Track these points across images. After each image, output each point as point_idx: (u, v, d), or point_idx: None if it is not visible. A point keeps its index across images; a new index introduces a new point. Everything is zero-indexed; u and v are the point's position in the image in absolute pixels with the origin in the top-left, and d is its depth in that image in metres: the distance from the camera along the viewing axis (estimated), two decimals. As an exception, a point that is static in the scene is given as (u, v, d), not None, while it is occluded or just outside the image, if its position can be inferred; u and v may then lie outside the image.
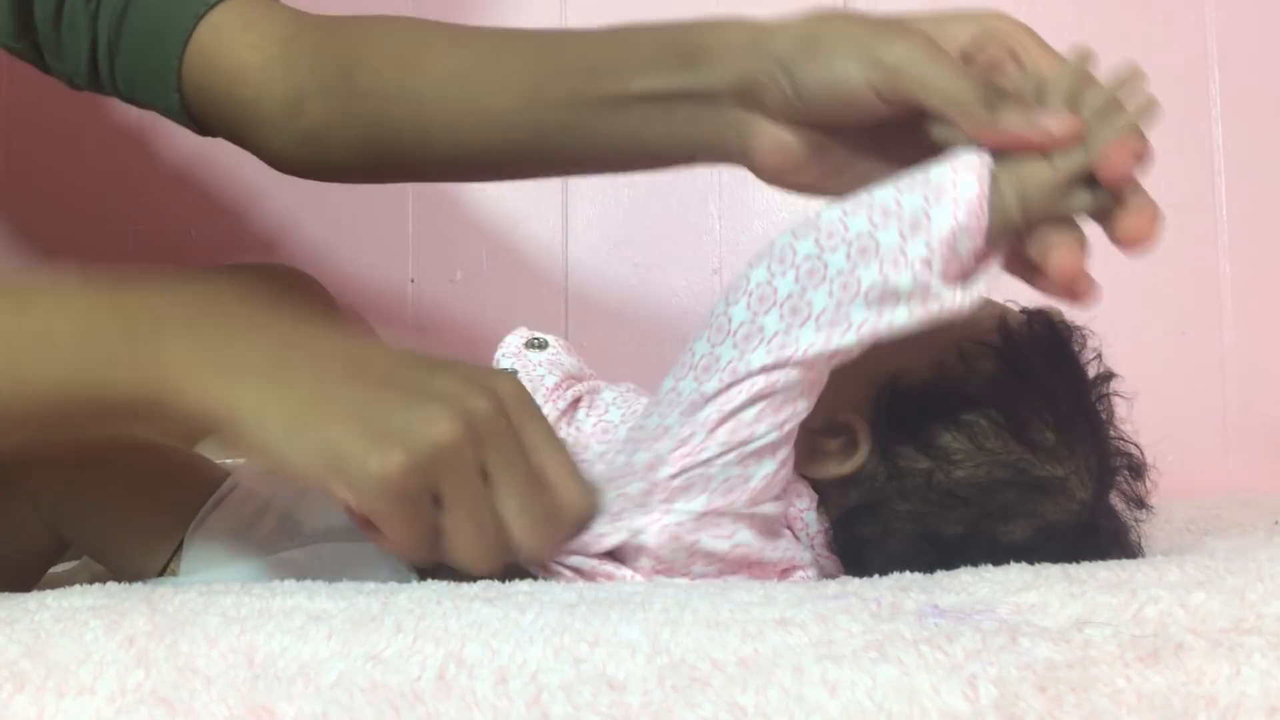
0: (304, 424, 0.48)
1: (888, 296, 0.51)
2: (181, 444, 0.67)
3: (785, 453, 0.55)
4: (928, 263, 0.51)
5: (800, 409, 0.54)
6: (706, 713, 0.35)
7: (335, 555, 0.59)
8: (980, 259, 0.53)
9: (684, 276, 1.19)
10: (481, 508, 0.50)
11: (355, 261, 1.21)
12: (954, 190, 0.51)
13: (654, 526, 0.53)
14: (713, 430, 0.52)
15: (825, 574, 0.60)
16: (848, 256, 0.51)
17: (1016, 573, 0.54)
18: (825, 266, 0.52)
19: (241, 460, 0.64)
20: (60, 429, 0.52)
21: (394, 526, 0.49)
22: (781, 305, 0.52)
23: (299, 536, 0.60)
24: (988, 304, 0.60)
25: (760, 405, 0.52)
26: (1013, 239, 0.54)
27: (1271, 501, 0.95)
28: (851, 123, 0.57)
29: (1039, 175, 0.52)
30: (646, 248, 1.20)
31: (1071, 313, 0.64)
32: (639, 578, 0.54)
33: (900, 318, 0.51)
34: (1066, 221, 0.54)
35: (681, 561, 0.54)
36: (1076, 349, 0.64)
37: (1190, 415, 1.13)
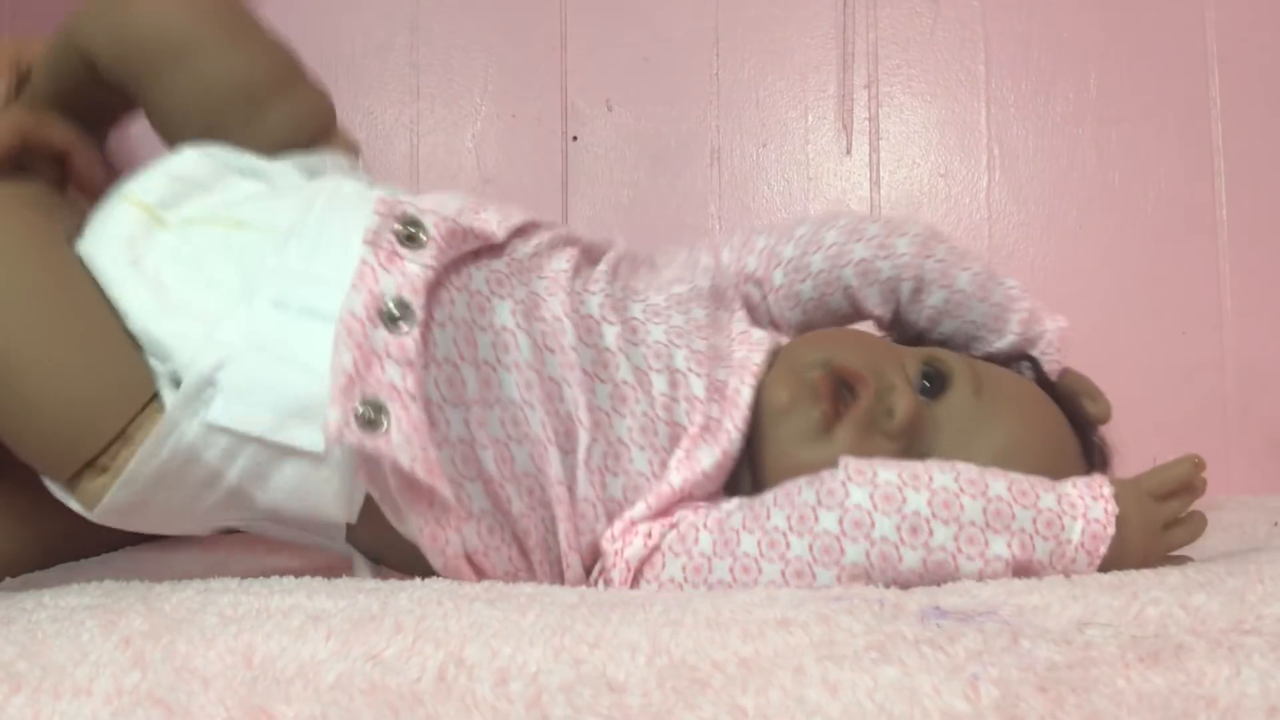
0: None
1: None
2: None
3: None
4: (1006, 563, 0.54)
5: None
6: (707, 714, 0.35)
7: (274, 529, 0.58)
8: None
9: (683, 276, 1.19)
10: None
11: (354, 261, 1.21)
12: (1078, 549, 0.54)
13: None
14: None
15: None
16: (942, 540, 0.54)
17: (1017, 573, 0.54)
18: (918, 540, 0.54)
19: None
20: None
21: None
22: (898, 578, 0.54)
23: (250, 510, 0.57)
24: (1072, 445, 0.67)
25: None
26: None
27: (1271, 501, 0.95)
28: None
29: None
30: (646, 248, 1.19)
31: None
32: None
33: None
34: None
35: None
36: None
37: (1190, 415, 1.13)
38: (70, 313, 0.56)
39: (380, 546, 0.60)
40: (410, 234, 0.58)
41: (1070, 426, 0.68)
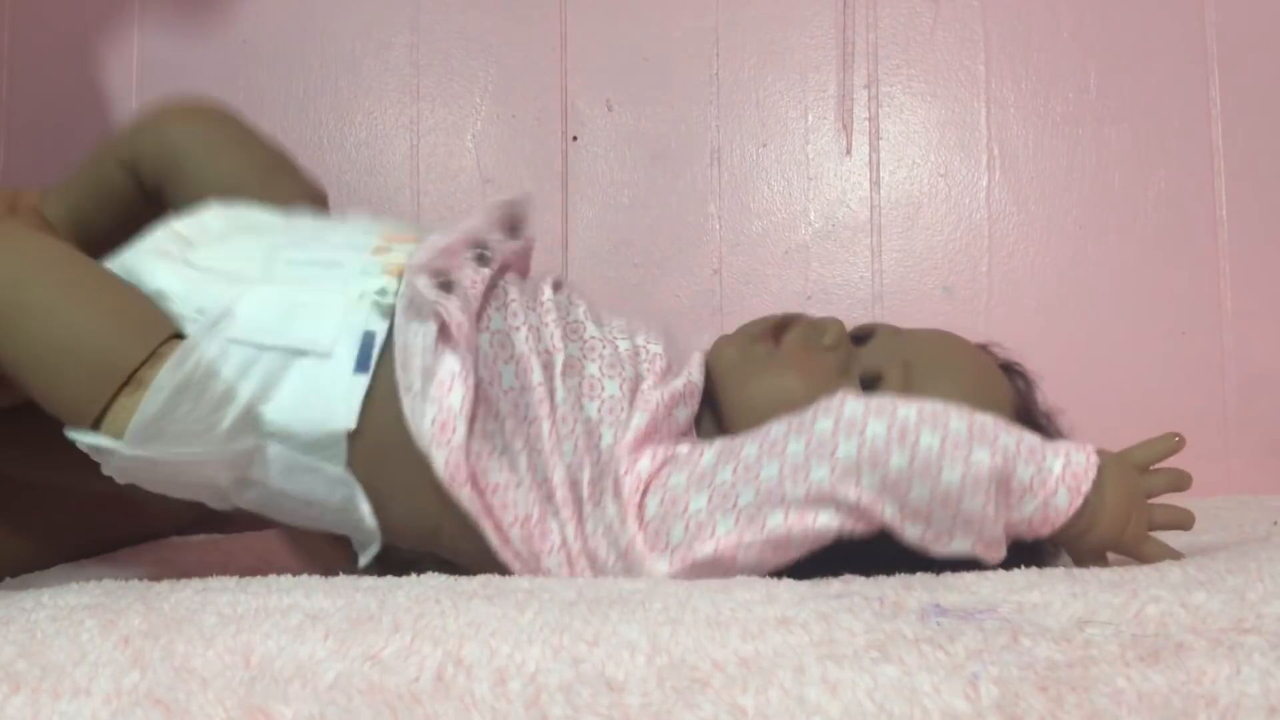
0: None
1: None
2: None
3: None
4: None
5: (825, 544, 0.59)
6: (706, 714, 0.35)
7: (279, 458, 0.61)
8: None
9: (684, 276, 1.19)
10: None
11: (354, 261, 1.21)
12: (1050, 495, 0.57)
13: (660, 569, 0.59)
14: (763, 545, 0.57)
15: None
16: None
17: (1019, 572, 0.54)
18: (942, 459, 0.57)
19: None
20: None
21: None
22: (886, 477, 0.56)
23: (258, 430, 0.61)
24: (1002, 381, 0.70)
25: (811, 542, 0.58)
26: None
27: (1271, 501, 0.95)
28: None
29: None
30: (646, 248, 1.20)
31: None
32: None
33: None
34: None
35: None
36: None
37: (1190, 415, 1.13)
38: (98, 277, 0.65)
39: (379, 469, 0.62)
40: (480, 255, 0.69)
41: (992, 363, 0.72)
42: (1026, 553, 0.59)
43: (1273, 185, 1.16)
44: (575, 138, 1.20)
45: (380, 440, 0.61)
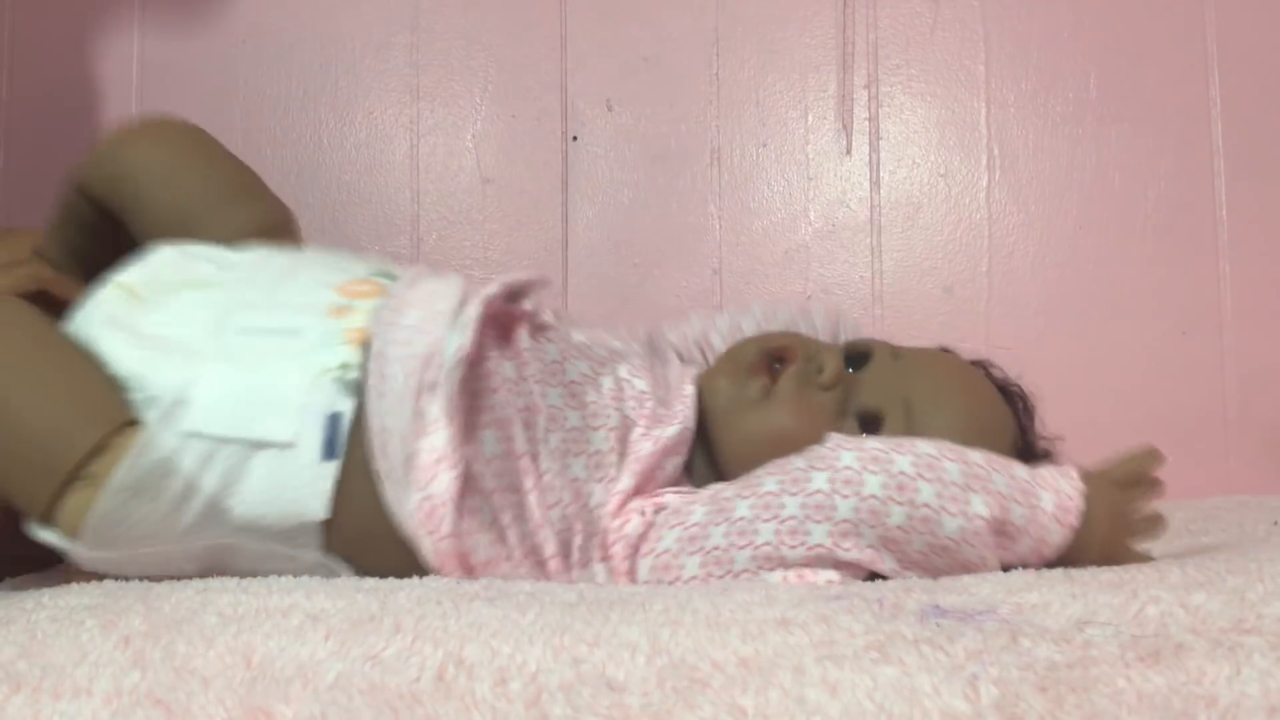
0: None
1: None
2: None
3: None
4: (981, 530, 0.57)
5: None
6: (706, 714, 0.35)
7: (250, 550, 0.59)
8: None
9: (684, 276, 1.19)
10: None
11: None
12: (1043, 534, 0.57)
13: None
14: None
15: None
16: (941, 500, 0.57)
17: (1018, 573, 0.54)
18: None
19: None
20: None
21: None
22: (885, 534, 0.56)
23: (226, 525, 0.58)
24: (1005, 413, 0.71)
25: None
26: None
27: (1271, 501, 0.95)
28: None
29: None
30: (646, 248, 1.20)
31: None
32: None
33: None
34: None
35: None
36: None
37: (1190, 415, 1.13)
38: (50, 359, 0.61)
39: (359, 551, 0.60)
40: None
41: (992, 387, 0.72)
42: None
43: (1273, 185, 1.16)
44: (575, 138, 1.20)
45: (359, 527, 0.59)
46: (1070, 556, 0.58)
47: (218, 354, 0.61)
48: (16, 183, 1.23)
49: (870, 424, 0.66)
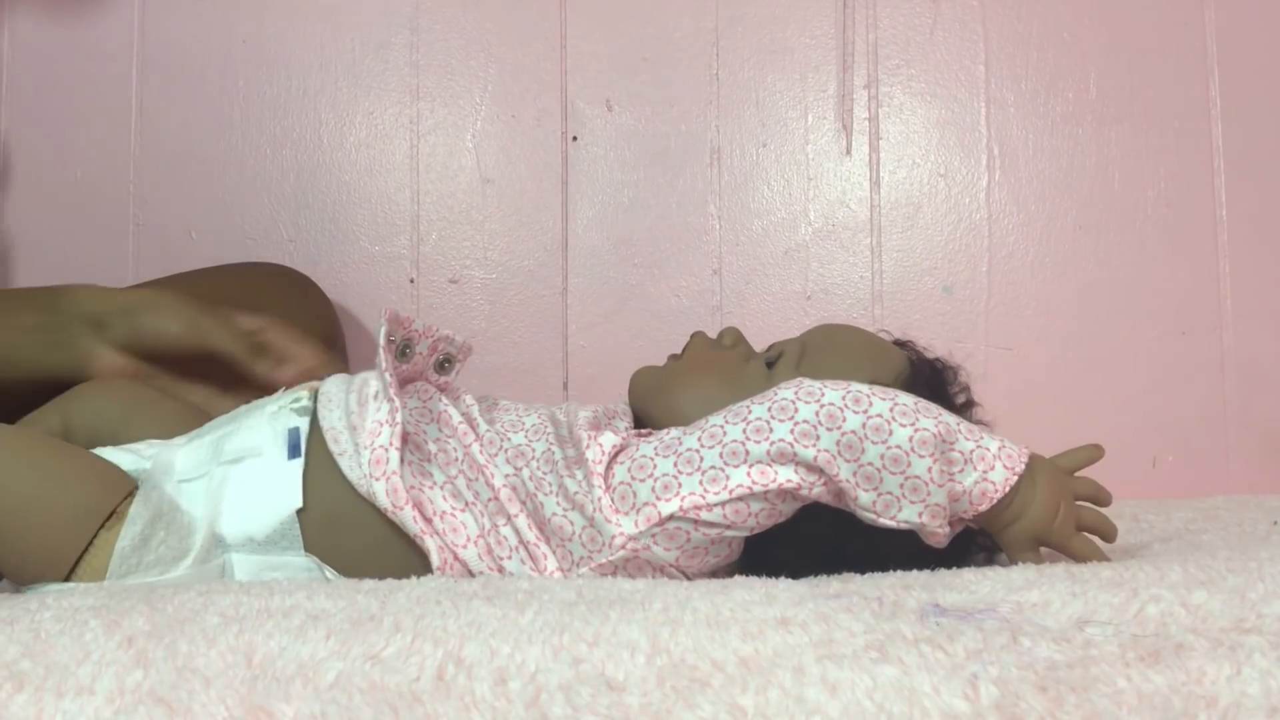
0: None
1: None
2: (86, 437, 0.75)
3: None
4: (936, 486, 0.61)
5: (782, 515, 0.63)
6: (706, 714, 0.35)
7: (245, 565, 0.64)
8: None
9: (684, 276, 1.19)
10: None
11: (355, 261, 1.21)
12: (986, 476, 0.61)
13: (620, 538, 0.62)
14: (726, 505, 0.61)
15: None
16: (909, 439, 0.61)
17: (1019, 571, 0.54)
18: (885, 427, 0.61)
19: (148, 464, 0.67)
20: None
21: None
22: (841, 438, 0.60)
23: (223, 545, 0.64)
24: (892, 349, 0.76)
25: (771, 503, 0.61)
26: None
27: (1271, 501, 0.95)
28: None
29: None
30: (646, 248, 1.20)
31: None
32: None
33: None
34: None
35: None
36: (952, 380, 0.77)
37: (1190, 415, 1.13)
38: (61, 445, 0.70)
39: (339, 548, 0.64)
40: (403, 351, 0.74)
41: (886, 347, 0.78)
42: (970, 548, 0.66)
43: (1273, 185, 1.16)
44: (575, 138, 1.20)
45: (329, 509, 0.65)
46: (1014, 517, 0.62)
47: (192, 438, 0.71)
48: (17, 183, 1.23)
49: (772, 364, 0.74)
